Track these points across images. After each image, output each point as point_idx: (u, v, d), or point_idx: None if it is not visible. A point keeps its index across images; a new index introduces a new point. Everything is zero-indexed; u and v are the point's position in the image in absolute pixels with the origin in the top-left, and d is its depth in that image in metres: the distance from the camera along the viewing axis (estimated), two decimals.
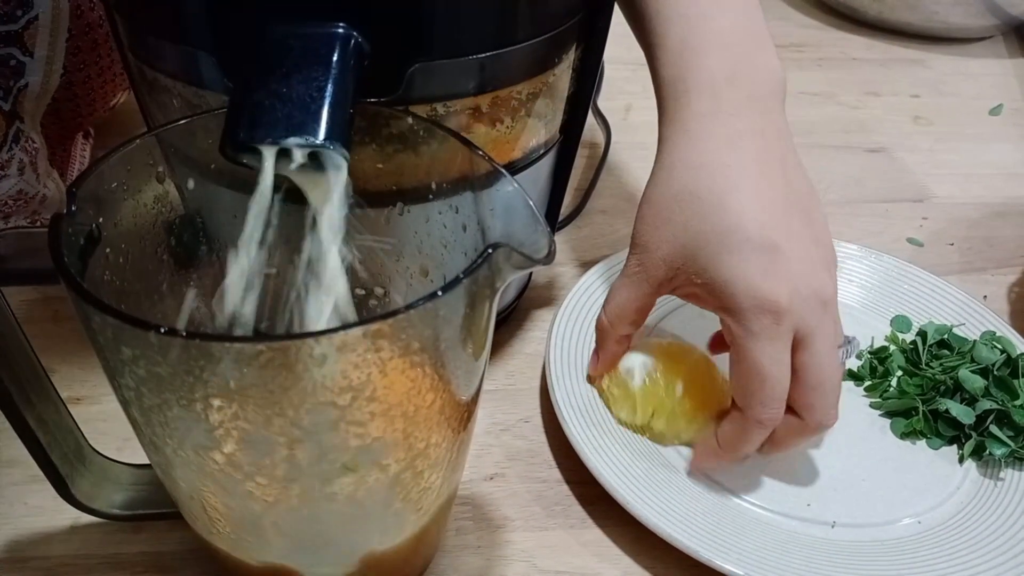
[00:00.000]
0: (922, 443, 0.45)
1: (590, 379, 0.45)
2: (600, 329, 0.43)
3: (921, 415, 0.45)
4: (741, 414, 0.38)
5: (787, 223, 0.37)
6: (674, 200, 0.38)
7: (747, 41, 0.39)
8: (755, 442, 0.39)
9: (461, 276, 0.24)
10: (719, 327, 0.41)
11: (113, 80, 0.59)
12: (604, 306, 0.42)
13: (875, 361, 0.48)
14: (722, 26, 0.38)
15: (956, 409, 0.44)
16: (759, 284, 0.36)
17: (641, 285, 0.40)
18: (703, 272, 0.37)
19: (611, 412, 0.44)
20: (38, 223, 0.53)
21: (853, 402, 0.47)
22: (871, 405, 0.46)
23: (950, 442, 0.44)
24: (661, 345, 0.44)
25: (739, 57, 0.38)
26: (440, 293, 0.24)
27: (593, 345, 0.47)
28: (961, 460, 0.44)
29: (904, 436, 0.45)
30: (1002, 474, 0.43)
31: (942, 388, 0.45)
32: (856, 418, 0.46)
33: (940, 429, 0.44)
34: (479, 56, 0.34)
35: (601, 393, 0.44)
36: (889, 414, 0.46)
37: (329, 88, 0.29)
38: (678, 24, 0.38)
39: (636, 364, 0.43)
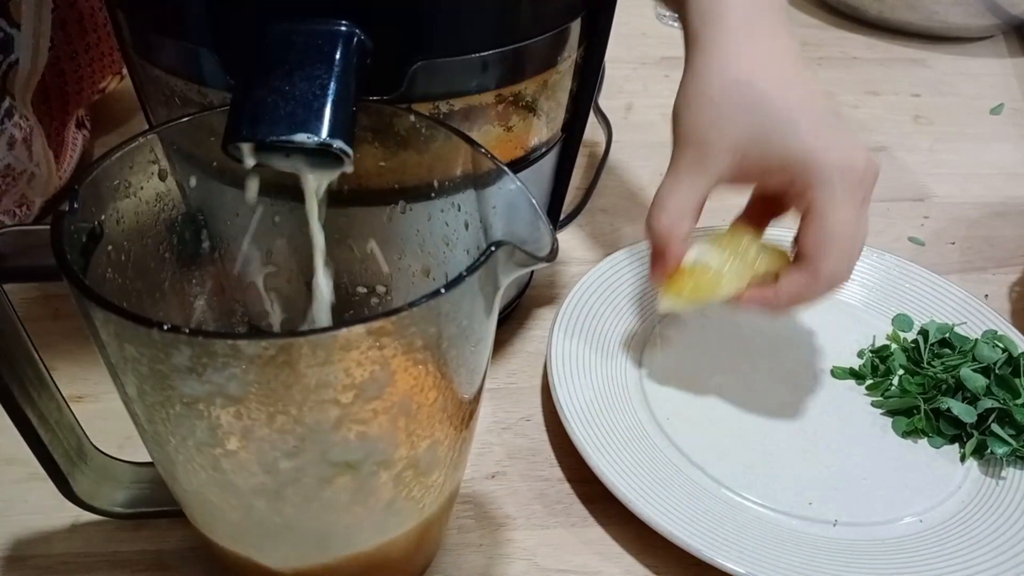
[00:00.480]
0: (923, 442, 0.45)
1: (657, 285, 0.43)
2: (658, 235, 0.42)
3: (923, 414, 0.45)
4: (812, 271, 0.40)
5: (836, 111, 0.40)
6: (731, 90, 0.40)
7: None
8: (817, 298, 0.41)
9: (464, 274, 0.24)
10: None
11: (101, 60, 0.58)
12: (655, 212, 0.42)
13: (877, 360, 0.48)
14: None
15: (958, 408, 0.44)
16: (840, 149, 0.38)
17: (700, 179, 0.41)
18: (779, 149, 0.39)
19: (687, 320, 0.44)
20: (24, 206, 0.52)
21: (855, 401, 0.47)
22: (873, 404, 0.46)
23: (952, 441, 0.44)
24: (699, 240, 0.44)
25: None
26: (443, 291, 0.24)
27: (591, 345, 0.47)
28: (963, 459, 0.44)
29: (906, 435, 0.45)
30: (1003, 473, 0.43)
31: (944, 387, 0.45)
32: (858, 417, 0.46)
33: (942, 428, 0.44)
34: (481, 54, 0.34)
35: (676, 298, 0.42)
36: (891, 413, 0.46)
37: (332, 86, 0.29)
38: None
39: (700, 251, 0.43)
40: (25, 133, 0.50)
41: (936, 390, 0.45)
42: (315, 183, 0.31)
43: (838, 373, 0.48)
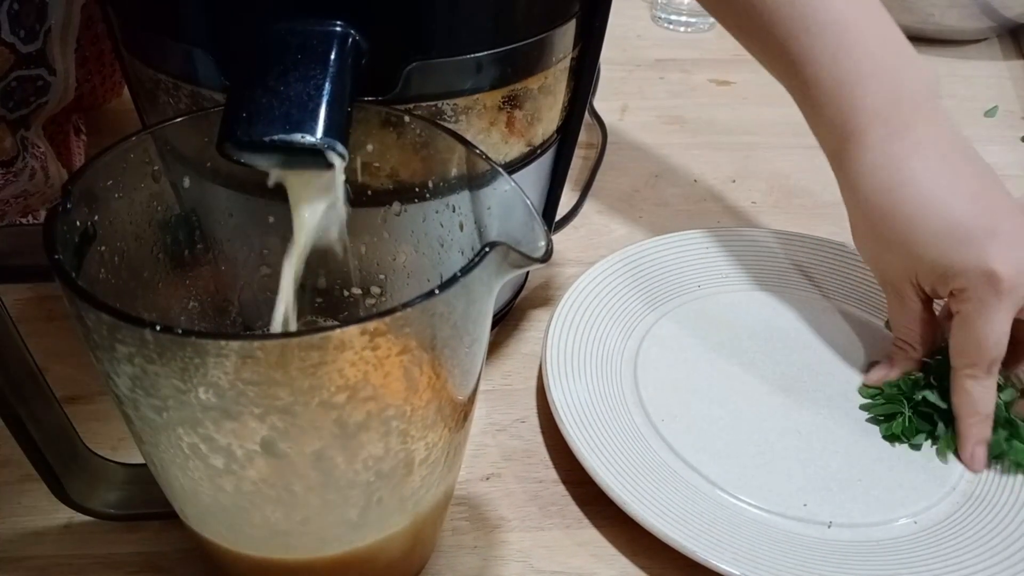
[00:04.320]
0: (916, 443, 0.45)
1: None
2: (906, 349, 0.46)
3: (905, 419, 0.45)
4: (958, 376, 0.42)
5: (994, 205, 0.41)
6: (884, 228, 0.42)
7: (894, 55, 0.42)
8: (979, 398, 0.42)
9: (458, 275, 0.24)
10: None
11: (105, 84, 0.59)
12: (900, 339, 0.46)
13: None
14: (871, 49, 0.41)
15: (932, 396, 0.44)
16: (986, 264, 0.40)
17: (902, 308, 0.45)
18: (938, 268, 0.41)
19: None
20: (30, 215, 0.52)
21: (849, 402, 0.47)
22: (861, 407, 0.46)
23: (930, 437, 0.44)
24: None
25: (893, 76, 0.41)
26: (437, 292, 0.24)
27: (586, 347, 0.47)
28: (941, 453, 0.43)
29: (890, 439, 0.45)
30: (997, 475, 0.43)
31: (923, 383, 0.46)
32: (852, 418, 0.46)
33: (918, 426, 0.44)
34: (476, 55, 0.34)
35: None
36: (875, 421, 0.46)
37: (327, 86, 0.29)
38: (828, 63, 0.42)
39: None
40: (42, 161, 0.50)
41: (915, 386, 0.46)
42: (308, 189, 0.31)
43: (831, 373, 0.48)
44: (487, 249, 0.25)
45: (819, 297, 0.53)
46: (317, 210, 0.31)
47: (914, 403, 0.45)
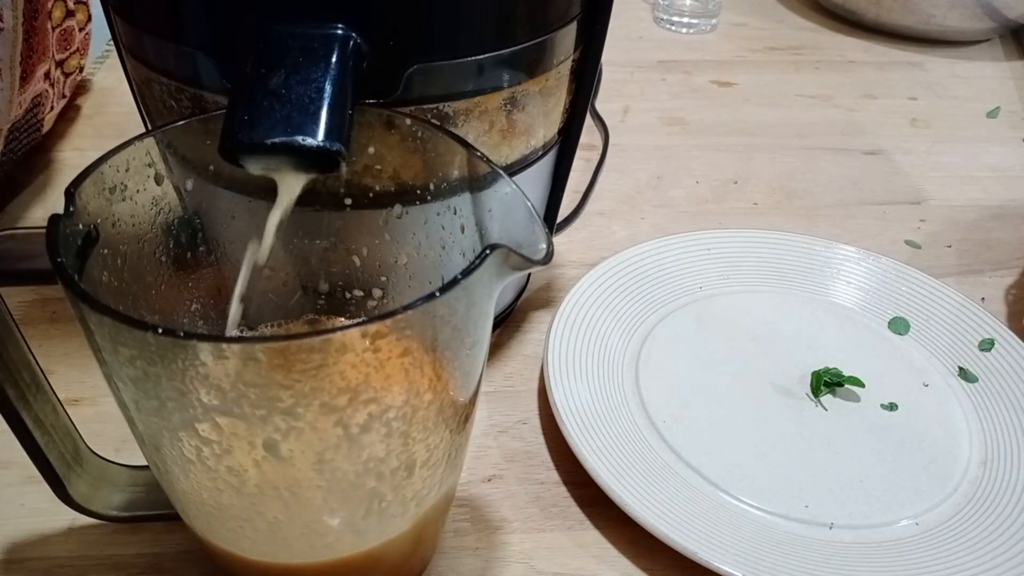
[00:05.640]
0: (920, 444, 0.45)
1: None
2: None
3: None
4: None
5: None
6: None
7: None
8: None
9: (459, 277, 0.24)
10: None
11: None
12: None
13: None
14: None
15: None
16: None
17: None
18: None
19: None
20: None
21: (850, 403, 0.47)
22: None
23: None
24: None
25: None
26: (438, 294, 0.24)
27: (588, 348, 0.47)
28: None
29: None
30: (999, 476, 0.43)
31: None
32: (853, 419, 0.46)
33: None
34: (478, 57, 0.34)
35: None
36: None
37: (328, 89, 0.29)
38: None
39: None
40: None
41: None
42: (293, 189, 0.31)
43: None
44: (488, 251, 0.25)
45: (821, 299, 0.53)
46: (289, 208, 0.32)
47: None
